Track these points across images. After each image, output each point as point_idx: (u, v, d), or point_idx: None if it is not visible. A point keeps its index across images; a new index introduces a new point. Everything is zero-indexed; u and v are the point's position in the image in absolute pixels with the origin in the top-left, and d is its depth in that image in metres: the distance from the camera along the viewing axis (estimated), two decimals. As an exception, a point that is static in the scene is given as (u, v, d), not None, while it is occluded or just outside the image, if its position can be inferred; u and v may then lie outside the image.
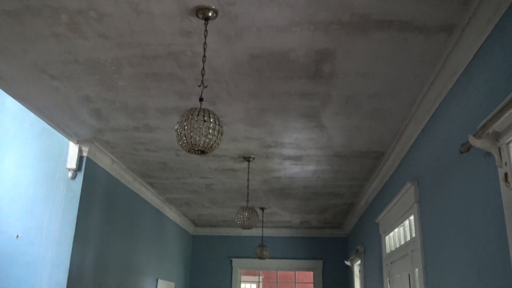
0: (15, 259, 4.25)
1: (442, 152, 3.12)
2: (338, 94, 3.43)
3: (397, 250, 4.43)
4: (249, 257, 8.94)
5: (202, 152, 2.13)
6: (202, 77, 2.46)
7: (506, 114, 1.97)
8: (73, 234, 4.27)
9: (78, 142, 4.46)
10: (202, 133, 2.04)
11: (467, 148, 2.40)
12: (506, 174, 2.10)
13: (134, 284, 5.84)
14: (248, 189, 5.31)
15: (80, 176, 4.46)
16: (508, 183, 2.08)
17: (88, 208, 4.58)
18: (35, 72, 3.21)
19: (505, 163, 2.11)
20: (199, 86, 2.27)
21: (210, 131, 2.07)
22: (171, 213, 7.49)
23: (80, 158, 4.51)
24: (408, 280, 3.97)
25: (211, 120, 2.10)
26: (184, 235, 8.55)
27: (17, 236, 4.32)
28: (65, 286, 4.12)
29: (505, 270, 2.14)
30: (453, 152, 2.86)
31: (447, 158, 3.02)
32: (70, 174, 4.42)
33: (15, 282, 4.18)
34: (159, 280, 6.86)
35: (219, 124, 2.13)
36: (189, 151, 2.13)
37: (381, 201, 5.28)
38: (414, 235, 3.81)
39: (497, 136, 2.15)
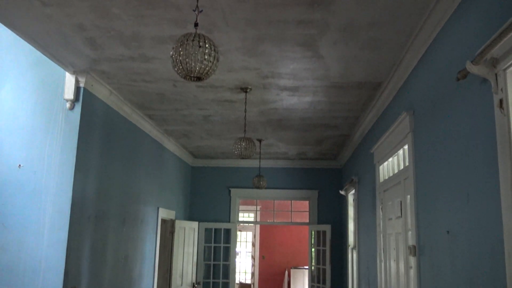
0: (19, 188, 4.37)
1: (439, 81, 3.13)
2: (335, 22, 3.37)
3: (390, 178, 4.56)
4: (247, 187, 9.18)
5: (198, 78, 2.13)
6: (197, 1, 2.41)
7: (505, 39, 1.96)
8: (74, 164, 4.36)
9: (74, 72, 4.43)
10: (198, 59, 2.04)
11: (464, 75, 2.40)
12: (501, 100, 2.13)
13: (136, 212, 6.04)
14: (245, 120, 5.35)
15: (78, 107, 4.48)
16: (503, 109, 2.11)
17: (88, 138, 4.64)
18: (26, -2, 3.13)
19: (501, 89, 2.13)
20: (194, 10, 2.23)
21: (206, 57, 2.05)
22: (170, 145, 7.59)
23: (77, 89, 4.50)
24: (399, 207, 4.12)
25: (207, 45, 2.08)
26: (184, 166, 8.72)
27: (19, 165, 4.40)
28: (69, 213, 4.27)
29: (492, 195, 2.23)
30: (450, 80, 2.87)
31: (443, 87, 3.03)
32: (68, 105, 4.44)
33: (20, 210, 4.32)
34: (160, 209, 7.09)
35: (214, 50, 2.11)
36: (185, 78, 2.13)
37: (376, 132, 5.34)
38: (407, 164, 3.91)
39: (494, 62, 2.15)
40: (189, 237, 8.32)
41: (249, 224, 14.55)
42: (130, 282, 5.84)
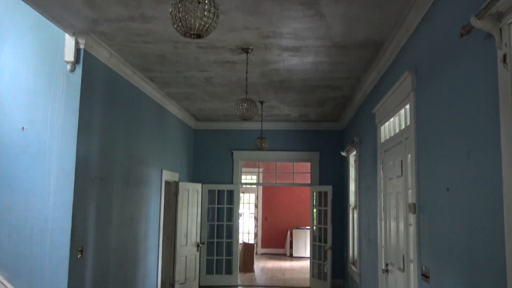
0: (23, 150, 4.41)
1: (442, 38, 3.09)
2: (338, -21, 3.30)
3: (392, 138, 4.58)
4: (249, 150, 9.24)
5: (198, 36, 2.11)
6: (197, -42, 2.35)
7: (510, -7, 1.93)
8: (76, 126, 4.38)
9: (74, 34, 4.39)
10: (197, 16, 2.01)
11: (467, 30, 2.37)
12: (504, 56, 2.11)
13: (140, 173, 6.11)
14: (246, 82, 5.33)
15: (79, 69, 4.46)
16: (506, 64, 2.10)
17: (90, 101, 4.64)
18: (21, -44, 3.07)
19: (505, 44, 2.11)
20: (194, -34, 2.18)
21: (206, 14, 2.03)
22: (172, 108, 7.59)
23: (77, 51, 4.47)
24: (400, 166, 4.15)
25: (206, 1, 2.05)
26: (186, 129, 8.75)
27: (23, 128, 4.43)
28: (73, 175, 4.33)
29: (493, 151, 2.25)
30: (453, 37, 2.84)
31: (446, 45, 3.00)
32: (68, 67, 4.41)
33: (25, 172, 4.38)
34: (164, 171, 7.16)
35: (214, 6, 2.08)
36: (184, 35, 2.11)
37: (378, 93, 5.32)
38: (408, 123, 3.91)
39: (499, 17, 2.12)
40: (193, 199, 8.44)
41: (252, 186, 14.71)
42: (135, 242, 5.98)
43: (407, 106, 3.99)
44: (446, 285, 2.93)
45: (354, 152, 7.49)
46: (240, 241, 12.61)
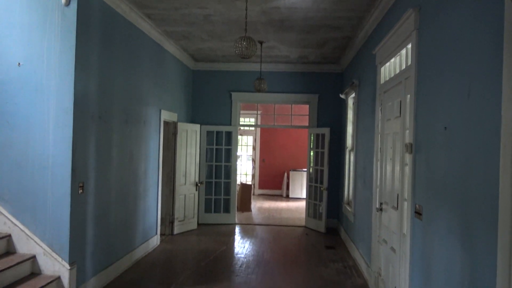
0: (20, 86, 4.38)
1: (449, -27, 3.00)
2: None
3: (391, 79, 4.55)
4: (248, 91, 9.20)
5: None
6: None
7: None
8: (73, 62, 4.33)
9: (67, -35, 4.23)
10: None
11: (474, -36, 2.29)
12: (511, -9, 2.06)
13: (138, 113, 6.11)
14: (246, 19, 5.20)
15: (74, 3, 4.34)
16: (512, -1, 2.05)
17: (86, 36, 4.55)
18: None
19: (512, -21, 2.06)
20: None
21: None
22: (170, 48, 7.46)
23: (71, -16, 4.33)
24: (399, 107, 4.16)
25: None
26: (185, 69, 8.65)
27: (19, 64, 4.38)
28: (72, 111, 4.33)
29: (493, 88, 2.24)
30: (460, -28, 2.75)
31: (452, -20, 2.91)
32: (63, 0, 4.29)
33: (24, 109, 4.38)
34: (162, 111, 7.16)
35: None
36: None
37: (380, 32, 5.23)
38: (409, 63, 3.88)
39: (507, -51, 2.05)
40: (191, 139, 8.50)
41: (250, 129, 14.77)
42: (135, 179, 6.09)
43: (409, 46, 3.94)
44: (438, 222, 3.03)
45: (353, 95, 7.47)
46: (238, 182, 12.85)
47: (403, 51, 4.19)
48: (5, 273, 4.05)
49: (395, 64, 4.54)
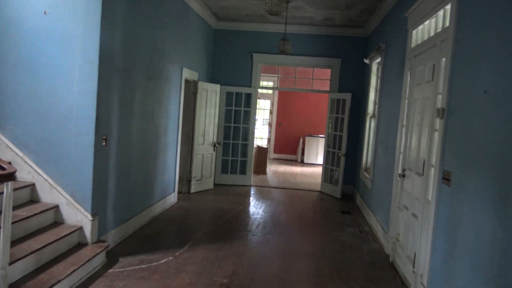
0: (46, 36, 4.32)
1: None
2: None
3: (424, 42, 4.39)
4: (269, 53, 9.04)
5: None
6: None
7: None
8: (100, 13, 4.24)
9: None
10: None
11: None
12: None
13: (160, 69, 6.05)
14: (275, -25, 5.02)
15: (101, -49, 4.22)
16: None
17: (112, -14, 4.45)
18: None
19: None
20: None
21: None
22: (194, 4, 7.30)
23: None
24: (431, 70, 4.03)
25: None
26: (207, 28, 8.49)
27: (45, 12, 4.31)
28: (97, 63, 4.28)
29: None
30: None
31: None
32: None
33: (49, 59, 4.33)
34: (184, 69, 7.08)
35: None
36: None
37: (414, -6, 5.03)
38: (447, 24, 3.72)
39: None
40: (211, 99, 8.44)
41: (268, 92, 14.64)
42: (156, 136, 6.09)
43: (447, 7, 3.77)
44: (470, 189, 2.96)
45: (378, 59, 7.29)
46: (254, 145, 12.86)
47: (440, 12, 4.02)
48: (29, 220, 4.12)
49: (430, 26, 4.38)
